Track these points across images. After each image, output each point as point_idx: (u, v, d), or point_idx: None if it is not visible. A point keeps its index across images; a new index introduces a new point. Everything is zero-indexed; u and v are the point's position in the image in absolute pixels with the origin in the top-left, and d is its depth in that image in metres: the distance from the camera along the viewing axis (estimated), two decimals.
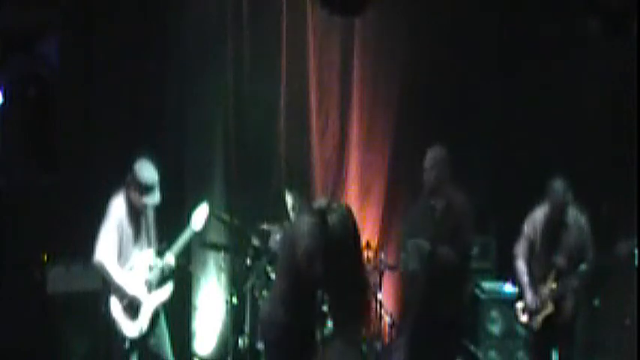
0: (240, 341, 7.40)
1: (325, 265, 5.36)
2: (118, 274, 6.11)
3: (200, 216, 6.56)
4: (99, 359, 6.96)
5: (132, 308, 6.18)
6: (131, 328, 6.18)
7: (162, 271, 6.36)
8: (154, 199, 6.20)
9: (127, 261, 6.22)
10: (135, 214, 6.26)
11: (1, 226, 7.24)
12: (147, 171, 6.16)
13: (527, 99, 8.28)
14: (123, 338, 6.16)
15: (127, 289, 6.14)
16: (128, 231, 6.21)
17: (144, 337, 6.26)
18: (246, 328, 7.29)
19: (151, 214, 6.41)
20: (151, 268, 6.32)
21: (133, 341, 6.19)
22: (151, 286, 6.30)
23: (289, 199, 6.96)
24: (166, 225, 6.63)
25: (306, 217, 5.67)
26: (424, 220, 6.56)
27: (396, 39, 8.32)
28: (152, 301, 6.30)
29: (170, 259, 6.37)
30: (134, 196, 6.19)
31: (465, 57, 8.32)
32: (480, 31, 8.31)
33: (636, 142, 7.58)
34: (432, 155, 6.59)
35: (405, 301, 6.77)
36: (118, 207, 6.18)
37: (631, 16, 7.40)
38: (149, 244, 6.37)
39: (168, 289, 6.41)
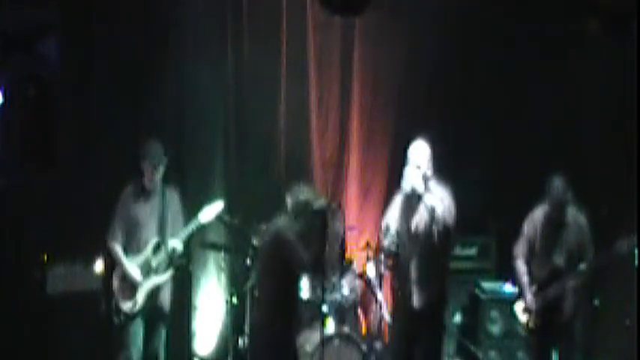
0: (240, 341, 7.40)
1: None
2: (120, 257, 6.64)
3: (211, 211, 6.89)
4: (98, 359, 6.96)
5: (130, 286, 6.65)
6: (126, 303, 6.65)
7: (168, 255, 6.70)
8: (150, 169, 6.70)
9: (134, 243, 6.67)
10: (143, 199, 6.68)
11: (1, 226, 7.23)
12: (153, 142, 6.77)
13: (527, 99, 8.28)
14: (118, 310, 6.64)
15: (127, 269, 6.61)
16: (136, 216, 6.65)
17: (136, 315, 6.66)
18: (246, 328, 7.28)
19: (172, 201, 6.77)
20: (155, 252, 6.68)
21: (126, 315, 6.65)
22: (151, 270, 6.67)
23: (289, 202, 6.95)
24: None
25: (293, 222, 5.71)
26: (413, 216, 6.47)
27: (397, 39, 8.32)
28: (149, 282, 6.68)
29: (175, 243, 6.69)
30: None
31: (466, 57, 8.32)
32: (480, 31, 8.30)
33: (636, 141, 7.58)
34: (418, 152, 6.47)
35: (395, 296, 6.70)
36: (124, 193, 6.70)
37: (631, 16, 7.40)
38: (160, 230, 6.68)
39: (167, 274, 6.76)
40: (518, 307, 6.85)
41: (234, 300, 7.49)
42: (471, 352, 7.87)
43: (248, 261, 7.28)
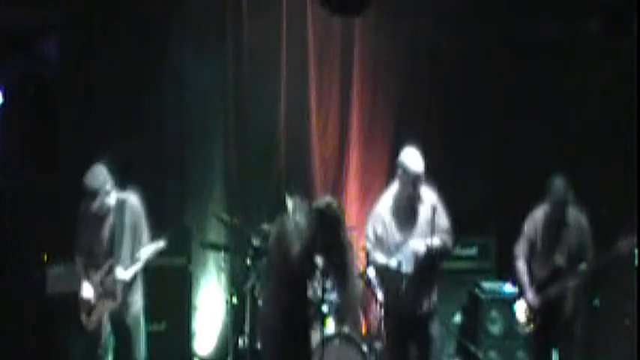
0: (240, 341, 7.40)
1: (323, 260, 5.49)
2: (79, 275, 6.43)
3: (150, 249, 6.49)
4: (97, 359, 6.96)
5: (88, 305, 6.41)
6: (87, 321, 6.43)
7: (115, 282, 6.36)
8: (95, 205, 6.27)
9: (94, 261, 6.39)
10: (99, 218, 6.36)
11: (1, 226, 7.24)
12: (90, 176, 6.29)
13: (527, 99, 8.28)
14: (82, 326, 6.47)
15: (82, 289, 6.39)
16: (93, 235, 6.39)
17: (98, 332, 6.42)
18: (246, 328, 7.29)
19: (128, 215, 6.37)
20: (106, 276, 6.38)
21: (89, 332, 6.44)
22: (104, 293, 6.38)
23: (290, 203, 6.96)
24: (166, 225, 6.64)
25: (297, 220, 5.71)
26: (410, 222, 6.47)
27: (397, 39, 8.32)
28: (102, 305, 6.40)
29: (120, 273, 6.35)
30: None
31: (466, 57, 8.32)
32: (480, 32, 8.30)
33: (636, 141, 7.58)
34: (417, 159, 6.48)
35: (387, 301, 6.65)
36: (80, 212, 6.42)
37: (631, 16, 7.41)
38: (112, 252, 6.35)
39: (115, 301, 6.40)
40: (519, 307, 6.84)
41: (234, 300, 7.49)
42: (471, 352, 7.86)
43: (248, 261, 7.28)
